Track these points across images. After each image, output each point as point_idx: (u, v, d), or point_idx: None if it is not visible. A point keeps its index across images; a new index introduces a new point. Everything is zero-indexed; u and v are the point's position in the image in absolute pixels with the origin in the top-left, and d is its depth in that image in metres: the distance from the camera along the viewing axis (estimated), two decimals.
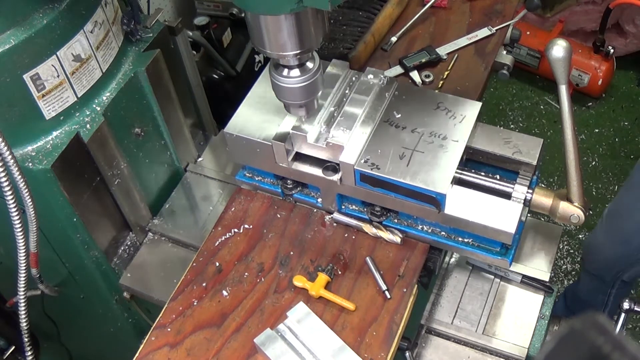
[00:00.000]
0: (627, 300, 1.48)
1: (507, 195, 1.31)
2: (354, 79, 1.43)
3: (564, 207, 1.30)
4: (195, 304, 1.36)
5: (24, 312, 1.44)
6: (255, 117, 1.40)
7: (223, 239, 1.45)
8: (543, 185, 2.87)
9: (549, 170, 3.06)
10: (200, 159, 1.81)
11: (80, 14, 1.31)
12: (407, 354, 1.41)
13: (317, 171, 1.37)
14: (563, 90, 1.23)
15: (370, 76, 1.43)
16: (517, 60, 3.27)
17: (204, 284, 1.38)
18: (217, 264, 1.41)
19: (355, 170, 1.30)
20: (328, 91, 1.39)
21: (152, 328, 1.34)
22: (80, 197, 1.44)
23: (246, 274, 1.39)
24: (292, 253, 1.42)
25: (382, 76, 1.43)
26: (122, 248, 1.64)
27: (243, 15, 1.52)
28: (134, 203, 1.60)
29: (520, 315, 1.47)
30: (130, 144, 1.53)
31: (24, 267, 1.34)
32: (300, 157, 1.39)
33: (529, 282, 1.50)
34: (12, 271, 1.37)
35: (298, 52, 1.14)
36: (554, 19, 3.38)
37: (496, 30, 1.82)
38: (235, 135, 1.39)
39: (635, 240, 1.97)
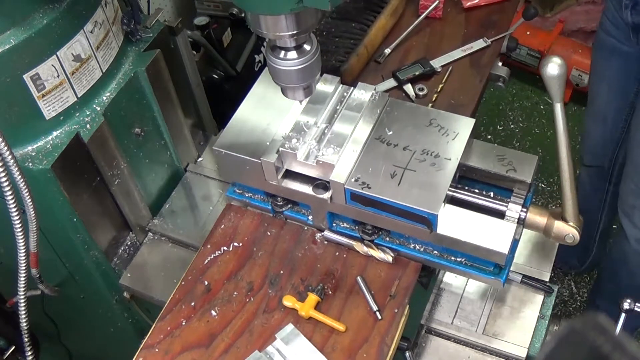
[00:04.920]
0: (627, 300, 1.48)
1: (501, 214, 1.30)
2: (345, 94, 1.41)
3: (558, 226, 1.29)
4: (183, 323, 1.33)
5: (24, 312, 1.44)
6: (245, 133, 1.38)
7: (212, 257, 1.42)
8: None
9: (549, 170, 3.06)
10: (200, 159, 1.81)
11: (80, 14, 1.31)
12: (407, 354, 1.41)
13: (307, 189, 1.35)
14: (558, 109, 1.21)
15: (362, 91, 1.41)
16: (517, 60, 3.27)
17: (192, 304, 1.36)
18: (206, 283, 1.38)
19: (346, 189, 1.28)
20: (319, 107, 1.37)
21: (139, 349, 1.31)
22: (80, 197, 1.44)
23: (235, 293, 1.37)
24: (282, 272, 1.39)
25: (373, 92, 1.41)
26: (122, 248, 1.64)
27: (243, 15, 1.50)
28: (134, 203, 1.60)
29: (520, 315, 1.47)
30: (130, 144, 1.53)
31: (24, 267, 1.34)
32: (290, 174, 1.37)
33: (529, 282, 1.50)
34: (12, 271, 1.36)
35: (295, 32, 1.12)
36: (554, 19, 3.38)
37: (491, 42, 1.79)
38: (224, 152, 1.36)
39: (609, 118, 2.11)
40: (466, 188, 1.34)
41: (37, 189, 1.27)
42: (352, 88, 1.42)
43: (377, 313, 1.31)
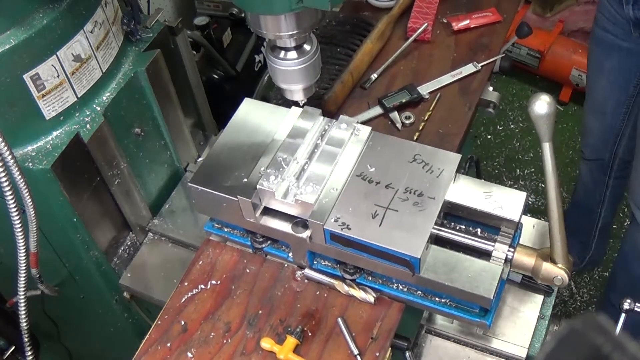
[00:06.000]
0: (627, 300, 1.48)
1: (487, 253, 1.26)
2: (326, 127, 1.36)
3: (547, 268, 1.25)
4: None
5: (24, 312, 1.44)
6: (222, 169, 1.33)
7: (189, 295, 1.38)
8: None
9: None
10: (200, 159, 1.81)
11: (80, 14, 1.31)
12: (407, 354, 1.41)
13: (286, 227, 1.30)
14: (547, 148, 1.16)
15: (344, 125, 1.35)
16: (517, 60, 3.27)
17: (168, 344, 1.31)
18: (183, 323, 1.33)
19: (325, 229, 1.24)
20: (299, 142, 1.32)
21: None
22: (80, 197, 1.44)
23: (212, 334, 1.31)
24: (260, 312, 1.34)
25: (355, 124, 1.36)
26: (122, 248, 1.64)
27: (243, 15, 1.50)
28: (134, 203, 1.60)
29: (520, 315, 1.47)
30: (130, 144, 1.53)
31: (24, 267, 1.34)
32: (269, 211, 1.32)
33: (529, 282, 1.50)
34: (12, 271, 1.36)
35: (294, 32, 1.12)
36: (554, 19, 3.38)
37: (482, 66, 1.73)
38: (200, 189, 1.32)
39: (608, 109, 2.11)
40: (452, 225, 1.30)
41: (37, 189, 1.27)
42: (333, 121, 1.37)
43: (358, 357, 1.27)
